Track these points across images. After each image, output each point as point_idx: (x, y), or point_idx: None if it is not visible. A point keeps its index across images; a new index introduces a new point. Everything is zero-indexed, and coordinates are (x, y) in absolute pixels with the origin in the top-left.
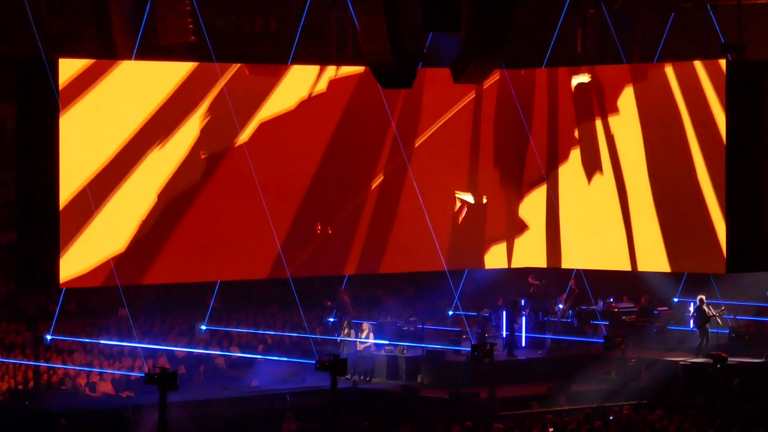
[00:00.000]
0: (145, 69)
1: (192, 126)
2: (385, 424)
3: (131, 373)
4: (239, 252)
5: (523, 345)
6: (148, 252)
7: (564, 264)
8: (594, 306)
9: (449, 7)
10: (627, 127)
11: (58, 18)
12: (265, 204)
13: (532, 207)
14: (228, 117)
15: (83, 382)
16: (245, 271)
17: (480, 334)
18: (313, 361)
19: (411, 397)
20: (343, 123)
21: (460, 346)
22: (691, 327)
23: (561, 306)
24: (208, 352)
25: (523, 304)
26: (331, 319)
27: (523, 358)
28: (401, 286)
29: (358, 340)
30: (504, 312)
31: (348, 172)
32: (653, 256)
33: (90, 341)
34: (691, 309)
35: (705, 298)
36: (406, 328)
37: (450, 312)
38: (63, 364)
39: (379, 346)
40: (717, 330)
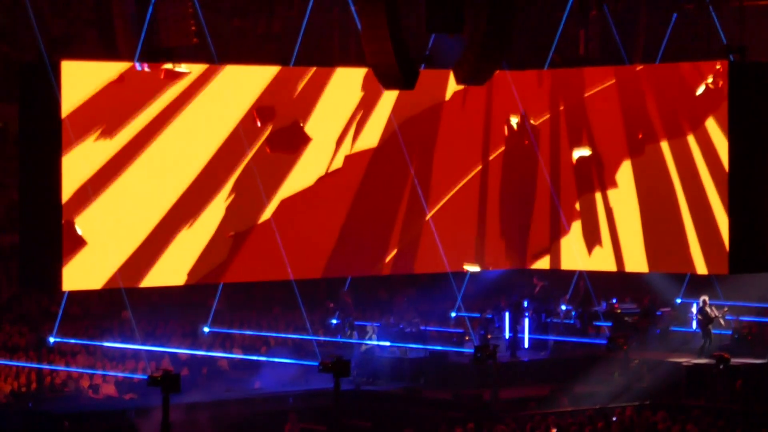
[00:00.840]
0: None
1: (193, 126)
2: (388, 425)
3: (134, 376)
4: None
5: (526, 346)
6: (151, 254)
7: (564, 265)
8: (597, 307)
9: (451, 9)
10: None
11: (60, 20)
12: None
13: None
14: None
15: (86, 384)
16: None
17: (483, 335)
18: (317, 363)
19: (414, 399)
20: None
21: (462, 347)
22: (694, 328)
23: (564, 307)
24: (211, 354)
25: (526, 305)
26: (334, 321)
27: (526, 359)
28: (403, 287)
29: (361, 341)
30: (507, 313)
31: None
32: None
33: (93, 343)
34: (694, 310)
35: (708, 299)
36: (408, 329)
37: (453, 313)
38: (66, 366)
39: (382, 347)
40: (720, 331)
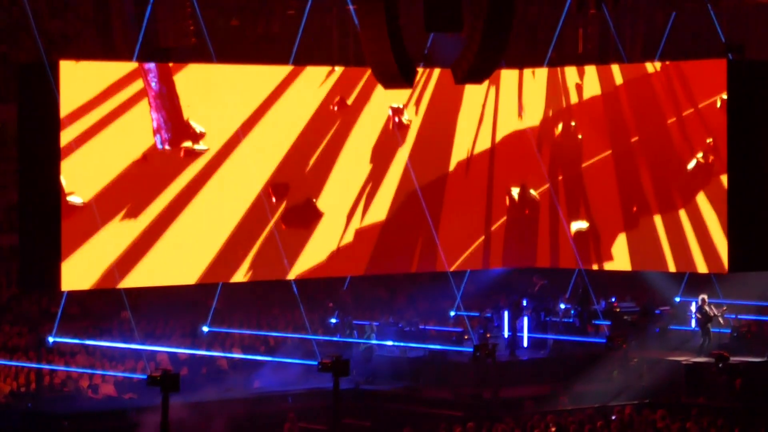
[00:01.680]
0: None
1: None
2: (388, 424)
3: (134, 375)
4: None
5: (525, 345)
6: (151, 254)
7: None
8: (596, 306)
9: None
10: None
11: (59, 20)
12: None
13: None
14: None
15: (86, 384)
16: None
17: (482, 334)
18: (316, 362)
19: (413, 398)
20: None
21: (462, 346)
22: (693, 327)
23: (563, 306)
24: (210, 353)
25: (525, 304)
26: (333, 320)
27: (526, 358)
28: (402, 286)
29: (360, 340)
30: (506, 312)
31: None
32: (653, 256)
33: (92, 343)
34: (693, 308)
35: (707, 297)
36: (408, 328)
37: (452, 312)
38: (65, 366)
39: (382, 346)
40: (719, 329)
